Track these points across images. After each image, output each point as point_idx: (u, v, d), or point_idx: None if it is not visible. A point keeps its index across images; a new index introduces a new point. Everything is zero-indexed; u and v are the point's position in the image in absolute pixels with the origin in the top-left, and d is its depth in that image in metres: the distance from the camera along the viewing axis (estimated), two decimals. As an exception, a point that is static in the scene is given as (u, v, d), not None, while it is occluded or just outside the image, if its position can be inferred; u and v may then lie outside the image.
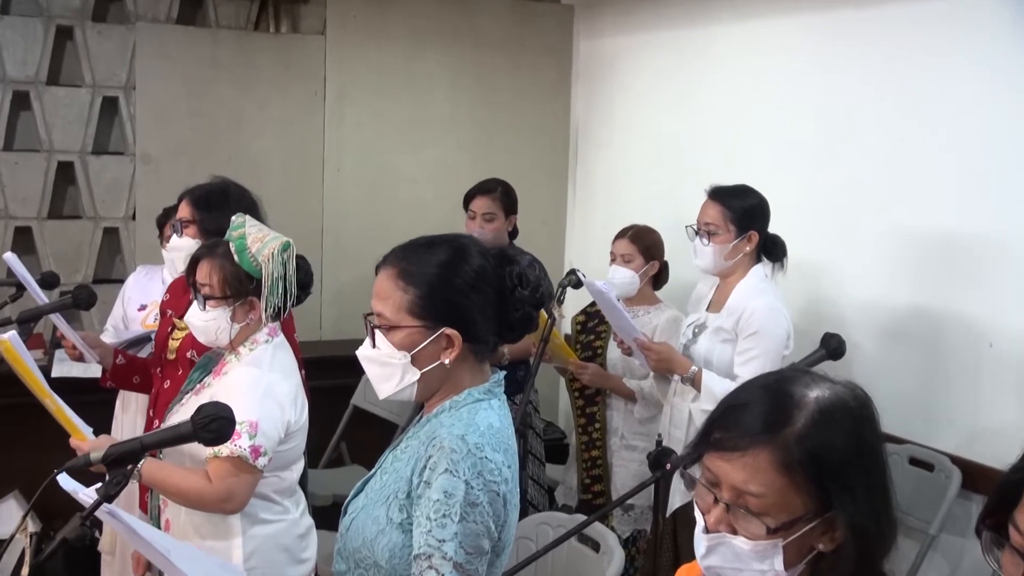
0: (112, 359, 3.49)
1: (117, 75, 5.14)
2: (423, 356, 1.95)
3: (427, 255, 1.96)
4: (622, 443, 4.18)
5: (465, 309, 1.94)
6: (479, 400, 1.98)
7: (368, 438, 4.95)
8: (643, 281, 4.15)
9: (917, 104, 3.93)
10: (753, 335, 3.46)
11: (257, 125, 5.38)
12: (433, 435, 1.93)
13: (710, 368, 3.55)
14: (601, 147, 5.77)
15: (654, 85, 5.32)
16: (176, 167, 5.14)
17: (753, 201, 3.57)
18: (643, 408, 4.12)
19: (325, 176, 5.55)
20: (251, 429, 2.64)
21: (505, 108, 5.85)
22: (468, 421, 1.93)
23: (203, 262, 2.85)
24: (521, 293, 1.98)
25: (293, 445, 2.81)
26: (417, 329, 1.94)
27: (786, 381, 1.46)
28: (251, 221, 2.92)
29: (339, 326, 5.55)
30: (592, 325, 4.31)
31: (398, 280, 1.95)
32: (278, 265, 2.80)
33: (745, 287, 3.54)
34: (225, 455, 2.62)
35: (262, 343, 2.84)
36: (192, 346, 3.18)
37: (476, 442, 1.88)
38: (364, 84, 5.57)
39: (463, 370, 1.98)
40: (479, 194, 4.46)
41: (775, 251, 3.61)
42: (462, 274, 1.94)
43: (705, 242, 3.57)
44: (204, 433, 1.92)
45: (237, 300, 2.81)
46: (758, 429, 1.40)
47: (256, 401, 2.69)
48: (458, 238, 2.02)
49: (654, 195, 5.22)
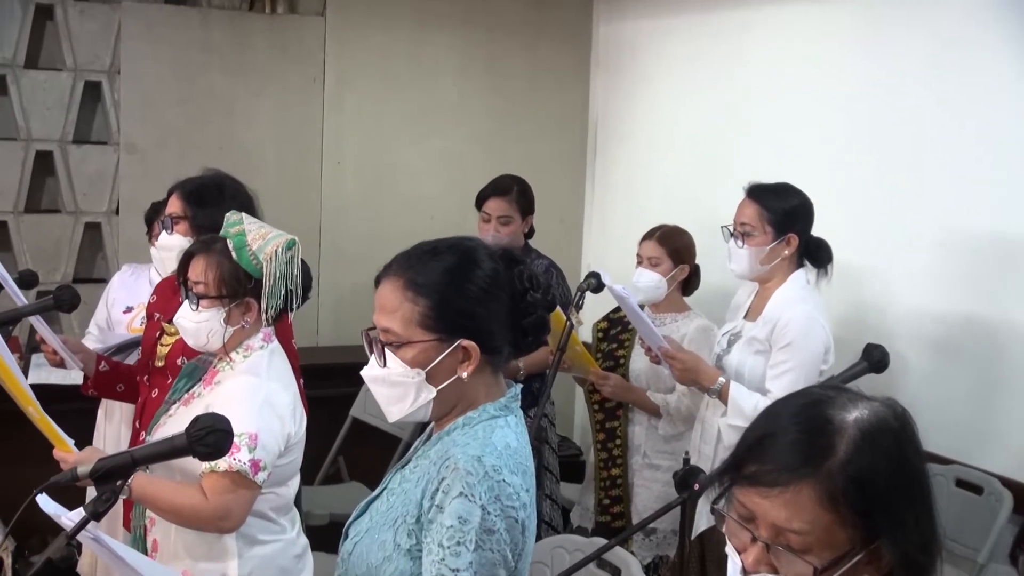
0: (95, 365, 3.50)
1: (100, 58, 5.15)
2: (439, 372, 1.94)
3: (434, 262, 1.95)
4: (644, 462, 4.17)
5: (481, 317, 1.94)
6: (495, 417, 1.97)
7: (368, 453, 4.96)
8: (671, 286, 4.15)
9: (973, 93, 3.92)
10: (787, 347, 3.45)
11: (250, 113, 5.38)
12: (445, 455, 1.92)
13: (741, 381, 3.54)
14: (623, 140, 5.77)
15: (681, 73, 5.32)
16: (163, 158, 5.15)
17: (794, 201, 3.56)
18: (668, 425, 4.12)
19: (323, 169, 5.56)
20: (250, 442, 2.64)
21: (519, 97, 5.85)
22: (484, 440, 1.92)
23: (197, 258, 2.84)
24: (533, 296, 1.98)
25: (291, 459, 2.82)
26: (431, 343, 1.93)
27: (821, 404, 1.44)
28: (249, 218, 2.92)
29: (337, 332, 5.55)
30: (615, 333, 4.30)
31: (405, 291, 1.93)
32: (281, 264, 2.80)
33: (783, 294, 3.53)
34: (223, 469, 2.61)
35: (257, 349, 2.84)
36: (183, 352, 3.18)
37: (493, 464, 1.88)
38: (366, 70, 5.58)
39: (479, 384, 1.98)
40: (493, 195, 4.45)
41: (819, 256, 3.59)
42: (474, 280, 1.94)
43: (740, 244, 3.56)
44: (200, 447, 1.92)
45: (233, 300, 2.81)
46: (798, 463, 1.38)
47: (255, 412, 2.69)
48: (463, 241, 2.01)
49: (680, 193, 5.22)
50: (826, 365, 3.49)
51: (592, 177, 6.00)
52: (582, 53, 5.96)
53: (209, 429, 1.93)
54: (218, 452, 1.96)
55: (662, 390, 4.12)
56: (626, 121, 5.74)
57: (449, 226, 4.99)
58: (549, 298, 2.01)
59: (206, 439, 1.93)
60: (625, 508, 4.18)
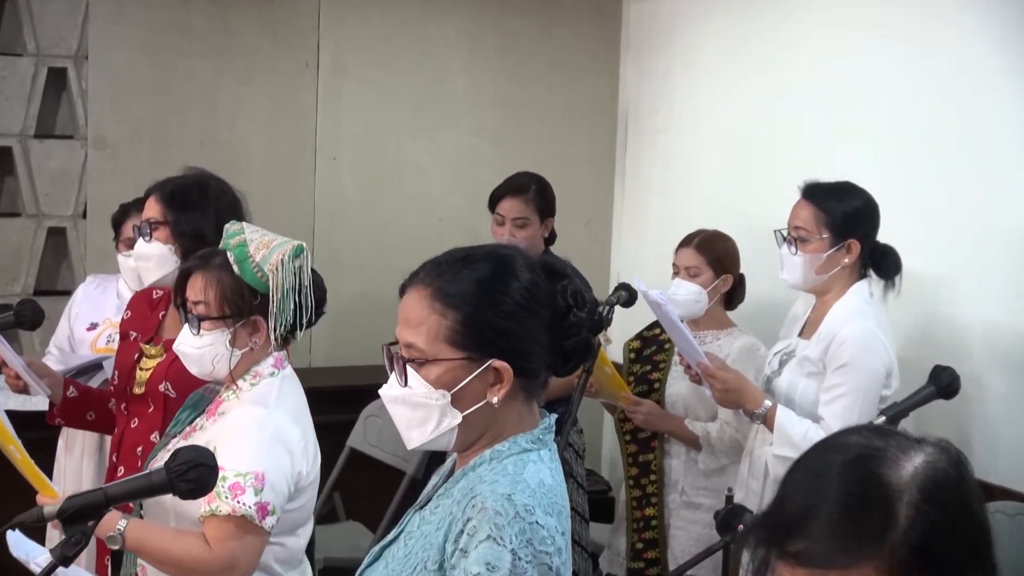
0: (63, 391, 3.50)
1: (66, 42, 5.18)
2: (466, 395, 1.95)
3: (466, 271, 1.97)
4: (682, 500, 4.16)
5: (516, 336, 1.95)
6: (527, 450, 1.97)
7: (368, 489, 4.95)
8: (712, 299, 4.14)
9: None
10: (843, 368, 3.45)
11: (235, 104, 5.41)
12: (471, 493, 1.92)
13: (792, 407, 3.54)
14: (657, 133, 5.77)
15: (723, 57, 5.32)
16: (136, 154, 5.17)
17: (856, 203, 3.56)
18: (710, 457, 4.11)
19: (318, 166, 5.58)
20: (257, 482, 2.63)
21: (537, 84, 5.86)
22: (515, 477, 1.92)
23: (195, 275, 2.84)
24: (577, 315, 1.98)
25: (302, 504, 2.81)
26: (459, 362, 1.94)
27: (870, 461, 1.40)
28: (250, 226, 2.93)
29: (333, 351, 5.57)
30: (648, 353, 4.30)
31: (433, 303, 1.95)
32: (288, 274, 2.81)
33: (841, 308, 3.53)
34: (225, 513, 2.61)
35: (266, 376, 2.85)
36: (167, 377, 3.19)
37: (525, 503, 1.88)
38: (366, 54, 5.60)
39: (510, 412, 1.98)
40: (509, 194, 4.45)
41: (885, 265, 3.59)
42: (511, 293, 1.95)
43: (793, 250, 3.56)
44: (181, 483, 1.93)
45: (238, 320, 2.81)
46: (857, 542, 1.35)
47: (263, 448, 2.69)
48: (500, 249, 2.03)
49: (724, 193, 5.21)
50: (888, 390, 3.49)
51: (622, 175, 6.00)
52: (610, 34, 5.97)
53: (191, 463, 1.94)
54: (201, 489, 1.97)
55: (703, 418, 4.12)
56: (661, 112, 5.74)
57: (459, 229, 5.06)
58: (595, 318, 2.01)
59: (188, 474, 1.94)
60: (661, 553, 4.18)
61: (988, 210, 4.11)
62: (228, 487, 2.60)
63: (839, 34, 4.69)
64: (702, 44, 5.46)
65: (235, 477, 2.62)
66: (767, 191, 4.22)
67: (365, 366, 5.22)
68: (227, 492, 2.60)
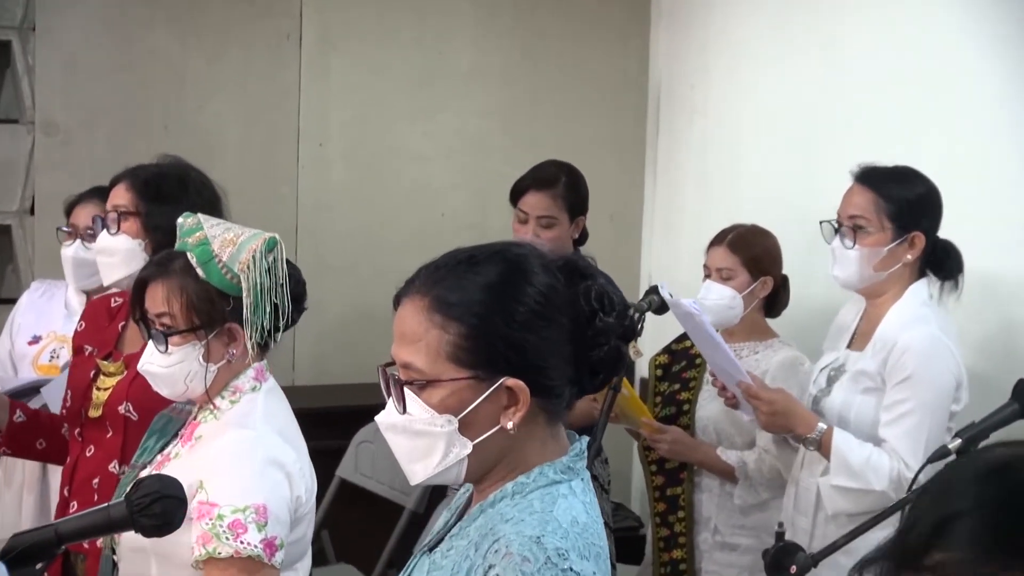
0: (8, 414, 3.48)
1: (9, 11, 5.20)
2: (475, 420, 1.92)
3: (470, 275, 1.94)
4: (716, 540, 4.15)
5: (532, 349, 1.91)
6: (555, 482, 1.94)
7: (361, 526, 4.97)
8: (748, 305, 4.13)
9: None
10: (905, 381, 3.44)
11: (206, 83, 5.43)
12: (493, 534, 1.89)
13: (847, 428, 3.53)
14: (693, 115, 5.78)
15: (770, 28, 5.32)
16: (91, 141, 5.20)
17: (919, 190, 3.55)
18: (747, 491, 4.09)
19: (301, 154, 5.60)
20: (259, 517, 2.62)
21: (556, 59, 5.88)
22: (543, 515, 1.89)
23: (154, 284, 2.83)
24: (603, 320, 1.95)
25: (301, 535, 2.81)
26: (466, 382, 1.91)
27: (1016, 468, 1.44)
28: (208, 219, 2.91)
29: (320, 367, 5.57)
30: (677, 370, 4.29)
31: (432, 314, 1.92)
32: (262, 272, 2.80)
33: (899, 313, 3.52)
34: (226, 556, 2.59)
35: (247, 391, 2.84)
36: (128, 397, 3.19)
37: (557, 547, 1.84)
38: (356, 25, 5.62)
39: (530, 437, 1.96)
40: (534, 188, 4.35)
41: (946, 264, 3.58)
42: (524, 299, 1.92)
43: (849, 243, 3.55)
44: (144, 518, 1.94)
45: (211, 330, 2.81)
46: (1010, 549, 1.35)
47: (257, 475, 2.69)
48: (510, 248, 2.00)
49: (770, 183, 5.22)
50: (958, 405, 3.48)
51: (654, 163, 6.01)
52: (640, 3, 5.98)
53: (155, 495, 1.95)
54: (167, 525, 1.97)
55: (738, 445, 4.10)
56: (698, 91, 5.75)
57: (464, 226, 5.07)
58: (626, 323, 1.98)
59: (151, 508, 1.94)
60: (690, 604, 4.18)
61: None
62: (227, 526, 2.59)
63: (909, 5, 4.68)
64: (745, 12, 5.46)
65: (233, 514, 2.61)
66: (820, 181, 4.20)
67: (356, 384, 5.23)
68: (227, 531, 2.59)
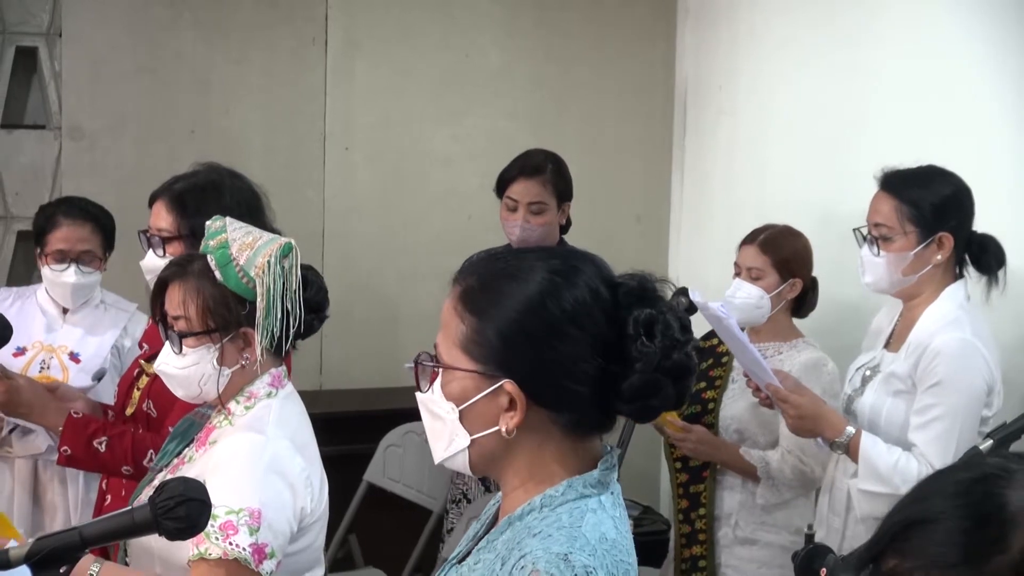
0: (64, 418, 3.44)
1: (36, 17, 5.22)
2: (474, 415, 1.93)
3: (502, 274, 1.95)
4: (736, 535, 4.14)
5: (536, 359, 1.90)
6: (584, 496, 1.92)
7: (389, 530, 4.97)
8: (776, 306, 4.13)
9: None
10: (936, 386, 3.43)
11: (231, 87, 5.44)
12: (520, 549, 1.87)
13: (877, 432, 3.52)
14: (721, 114, 5.76)
15: (799, 25, 5.30)
16: (118, 146, 5.21)
17: (943, 190, 3.54)
18: (769, 491, 4.08)
19: (327, 158, 5.60)
20: (252, 520, 2.63)
21: (581, 60, 5.87)
22: (571, 531, 1.87)
23: (172, 286, 2.86)
24: (645, 346, 1.88)
25: (308, 544, 2.82)
26: (470, 375, 1.92)
27: (992, 481, 1.43)
28: (233, 223, 2.93)
29: (346, 370, 5.57)
30: (704, 368, 4.29)
31: (458, 303, 1.95)
32: (275, 277, 2.81)
33: (933, 316, 3.50)
34: (215, 557, 2.60)
35: (262, 397, 2.86)
36: (149, 396, 3.21)
37: (585, 564, 1.82)
38: (381, 28, 5.62)
39: (544, 447, 1.94)
40: (522, 176, 4.46)
41: (985, 258, 3.56)
42: (549, 307, 1.89)
43: (875, 251, 3.55)
44: (168, 521, 1.93)
45: (225, 334, 2.82)
46: (956, 559, 1.38)
47: (257, 481, 2.69)
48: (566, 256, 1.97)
49: (800, 184, 5.19)
50: (989, 410, 3.47)
51: (681, 164, 6.00)
52: (666, 2, 5.97)
53: (180, 498, 1.94)
54: (192, 528, 1.97)
55: (761, 444, 4.10)
56: (726, 90, 5.73)
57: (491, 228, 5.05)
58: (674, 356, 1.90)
59: (175, 511, 1.94)
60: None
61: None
62: (219, 526, 2.60)
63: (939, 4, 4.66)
64: (774, 11, 5.44)
65: (227, 515, 2.62)
66: (849, 182, 4.18)
67: (384, 388, 5.23)
68: (218, 532, 2.60)
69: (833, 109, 5.11)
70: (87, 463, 3.43)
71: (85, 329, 4.14)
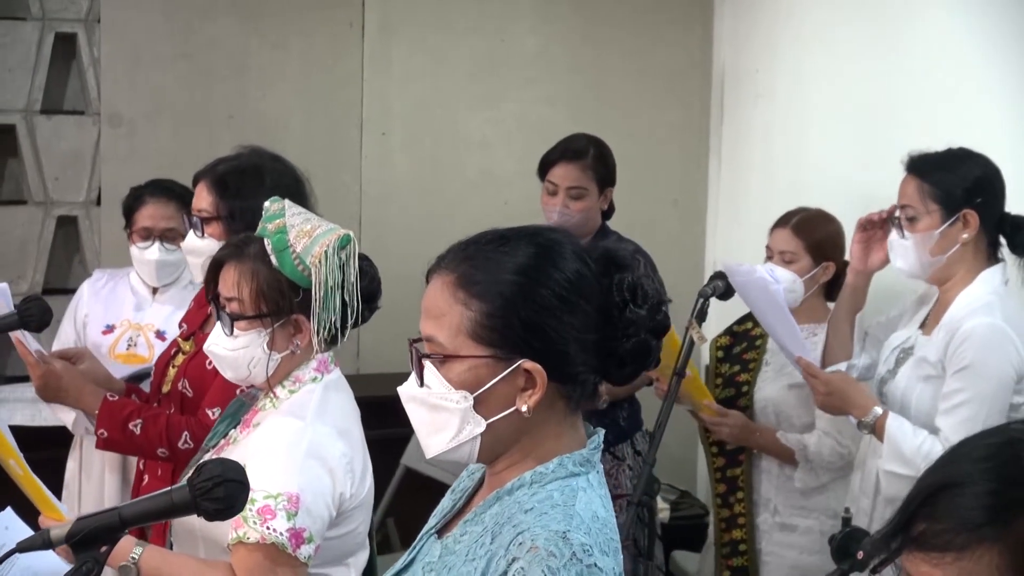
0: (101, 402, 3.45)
1: (75, 4, 5.26)
2: (491, 399, 1.94)
3: (499, 255, 1.96)
4: (776, 521, 4.14)
5: (553, 333, 1.92)
6: (574, 474, 1.95)
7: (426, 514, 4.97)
8: (809, 290, 4.11)
9: None
10: (963, 371, 3.40)
11: (269, 72, 5.46)
12: (515, 526, 1.90)
13: (907, 415, 3.51)
14: (759, 99, 5.74)
15: (839, 9, 5.27)
16: (156, 131, 5.24)
17: (968, 171, 3.50)
18: (807, 474, 4.07)
19: (364, 143, 5.62)
20: (290, 505, 2.65)
21: (618, 44, 5.86)
22: (566, 508, 1.90)
23: (228, 267, 2.86)
24: (634, 312, 1.96)
25: (350, 529, 2.82)
26: (484, 360, 1.93)
27: (1021, 445, 1.44)
28: (293, 207, 2.93)
29: (383, 355, 5.58)
30: (738, 351, 4.28)
31: (457, 291, 1.95)
32: (334, 269, 2.81)
33: (966, 300, 3.47)
34: (254, 541, 2.62)
35: (307, 382, 2.87)
36: (185, 374, 3.23)
37: (582, 542, 1.84)
38: (418, 12, 5.63)
39: (547, 424, 1.97)
40: (563, 160, 4.44)
41: (1018, 239, 3.53)
42: (550, 283, 1.92)
43: (903, 234, 3.53)
44: (207, 502, 1.94)
45: (277, 320, 2.83)
46: (980, 520, 1.39)
47: (296, 466, 2.70)
48: (544, 232, 2.02)
49: (837, 169, 5.16)
50: (1020, 396, 3.44)
51: (718, 149, 5.98)
52: (702, -15, 5.97)
53: (218, 479, 1.95)
54: (230, 509, 1.98)
55: (797, 427, 4.08)
56: (764, 74, 5.71)
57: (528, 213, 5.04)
58: (658, 317, 1.98)
59: (213, 492, 1.94)
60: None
61: None
62: (257, 511, 2.62)
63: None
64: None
65: (265, 499, 2.63)
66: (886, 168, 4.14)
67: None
68: (255, 516, 2.62)
69: (870, 94, 5.08)
70: (123, 446, 3.45)
71: (173, 308, 4.16)
